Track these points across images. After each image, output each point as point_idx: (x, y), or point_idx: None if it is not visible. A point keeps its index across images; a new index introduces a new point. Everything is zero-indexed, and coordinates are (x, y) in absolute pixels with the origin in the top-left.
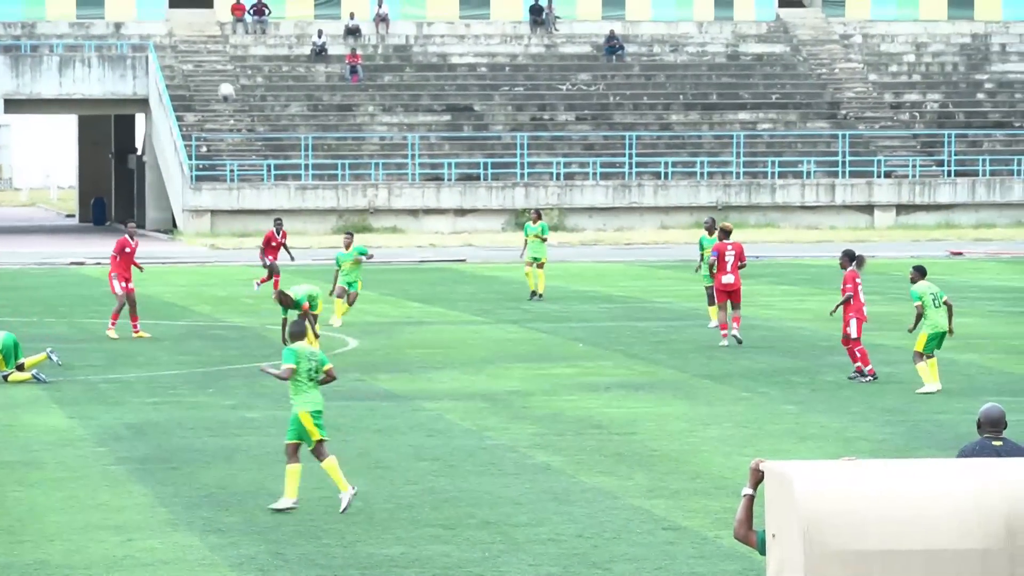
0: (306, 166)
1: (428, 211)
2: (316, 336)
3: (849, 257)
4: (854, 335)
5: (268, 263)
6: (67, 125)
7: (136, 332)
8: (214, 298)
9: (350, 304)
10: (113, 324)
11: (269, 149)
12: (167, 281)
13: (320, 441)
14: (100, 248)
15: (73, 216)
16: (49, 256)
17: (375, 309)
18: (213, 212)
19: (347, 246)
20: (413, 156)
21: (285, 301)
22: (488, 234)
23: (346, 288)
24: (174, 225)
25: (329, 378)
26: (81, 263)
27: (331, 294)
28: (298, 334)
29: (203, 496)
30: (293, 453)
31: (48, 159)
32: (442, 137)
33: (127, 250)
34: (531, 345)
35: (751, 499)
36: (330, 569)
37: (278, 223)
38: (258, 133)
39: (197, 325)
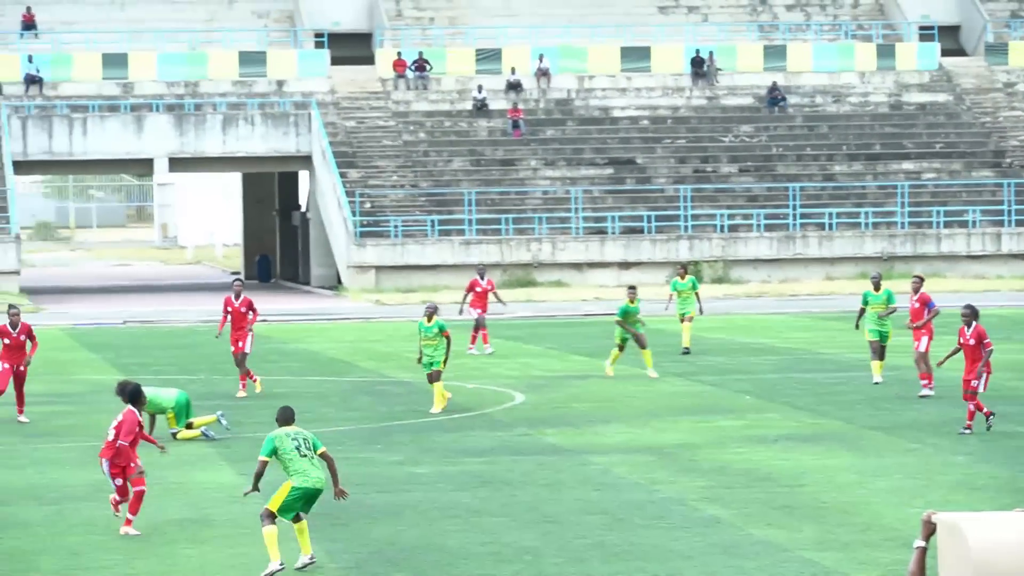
0: (469, 221)
1: (592, 264)
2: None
3: (974, 312)
4: (981, 389)
5: (476, 315)
6: (231, 183)
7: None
8: (379, 354)
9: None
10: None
11: (432, 204)
12: (332, 337)
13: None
14: (266, 305)
15: (238, 273)
16: (216, 314)
17: (540, 363)
18: (377, 268)
19: (429, 317)
20: (576, 209)
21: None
22: (653, 287)
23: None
24: (339, 281)
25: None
26: None
27: (419, 362)
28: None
29: (372, 552)
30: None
31: (212, 217)
32: (605, 190)
33: (229, 309)
34: (697, 398)
35: (923, 552)
36: None
37: (481, 270)
38: (421, 189)
39: (363, 381)
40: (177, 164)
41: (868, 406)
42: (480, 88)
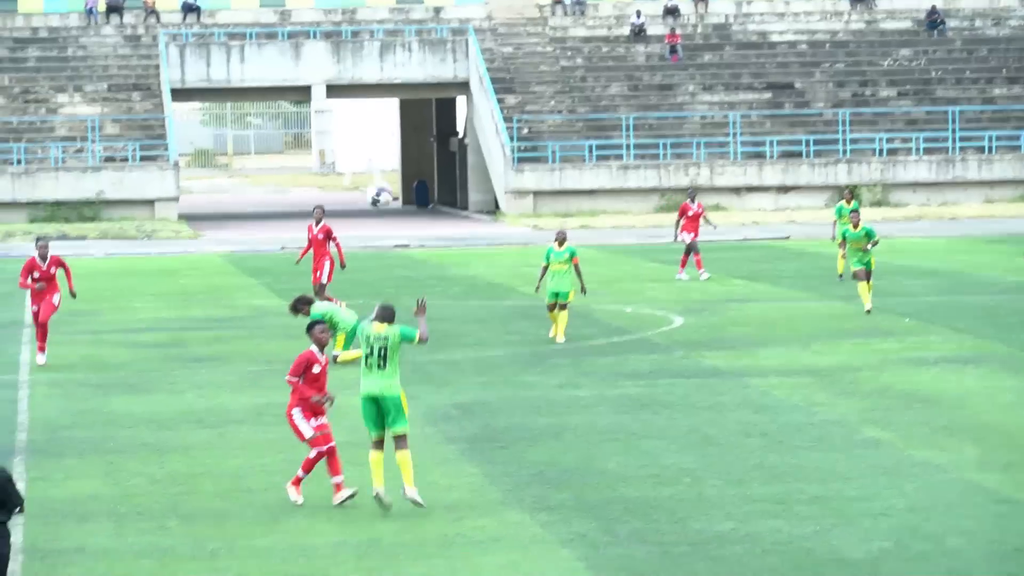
0: (627, 146)
1: (750, 189)
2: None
3: None
4: None
5: (686, 241)
6: (388, 110)
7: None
8: (536, 278)
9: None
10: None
11: (590, 129)
12: (491, 262)
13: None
14: (424, 231)
15: (397, 199)
16: (374, 239)
17: (700, 287)
18: (535, 193)
19: (560, 243)
20: (734, 134)
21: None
22: (811, 211)
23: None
24: (496, 206)
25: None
26: (405, 245)
27: (537, 291)
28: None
29: (532, 474)
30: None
31: (370, 143)
32: (763, 115)
33: (309, 237)
34: (857, 321)
35: None
36: (660, 546)
37: (692, 193)
38: (579, 114)
39: (521, 305)
40: (334, 91)
41: None
42: (638, 13)
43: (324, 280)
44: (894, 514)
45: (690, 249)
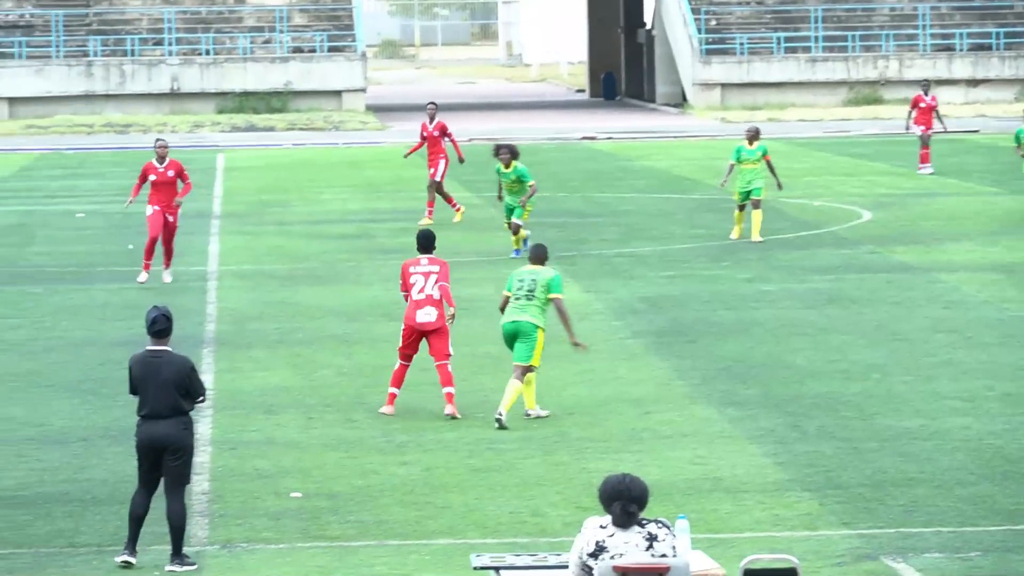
0: (815, 38)
1: (940, 82)
2: None
3: None
4: None
5: (918, 134)
6: (576, 0)
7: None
8: (725, 171)
9: None
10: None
11: (778, 21)
12: (677, 154)
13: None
14: (611, 123)
15: (583, 91)
16: (560, 131)
17: (887, 181)
18: (723, 85)
19: (751, 140)
20: (924, 27)
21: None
22: (1001, 105)
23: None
24: (684, 98)
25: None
26: (592, 138)
27: (723, 185)
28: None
29: (720, 369)
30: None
31: (557, 35)
32: (953, 7)
33: (424, 135)
34: None
35: None
36: (848, 442)
37: (925, 86)
38: (767, 5)
39: (708, 199)
40: None
41: None
42: None
43: (438, 178)
44: None
45: (924, 142)
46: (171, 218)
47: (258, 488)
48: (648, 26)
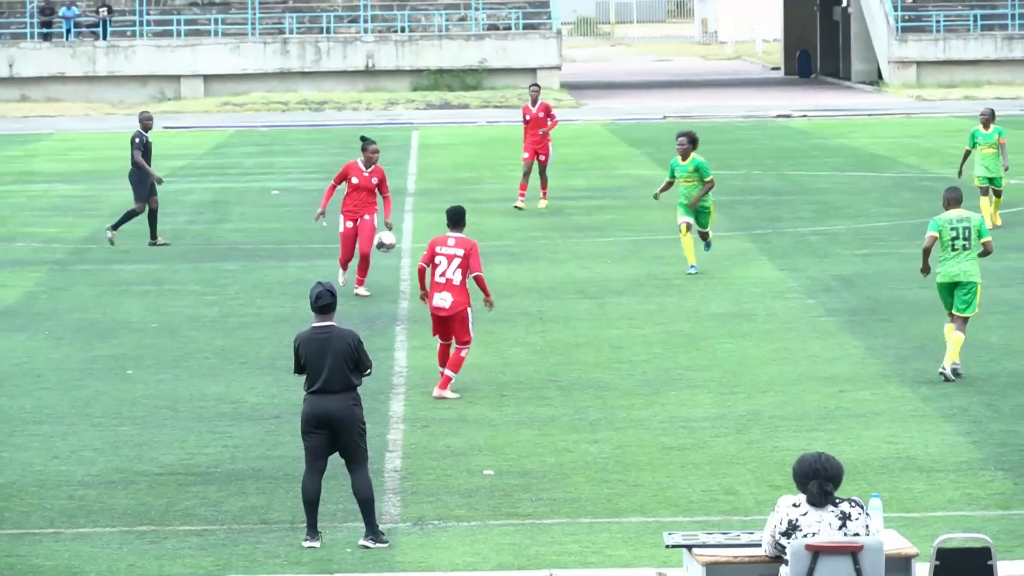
0: (1013, 16)
1: None
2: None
3: None
4: None
5: None
6: None
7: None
8: (921, 149)
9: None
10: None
11: (975, 0)
12: (873, 132)
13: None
14: (806, 100)
15: (778, 69)
16: (755, 109)
17: None
18: (919, 63)
19: (986, 124)
20: None
21: None
22: None
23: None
24: (879, 76)
25: (985, 250)
26: (787, 115)
27: (960, 174)
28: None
29: (915, 348)
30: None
31: (753, 12)
32: None
33: (527, 117)
34: None
35: None
36: None
37: None
38: None
39: (904, 176)
40: None
41: None
42: None
43: (549, 163)
44: None
45: None
46: (367, 216)
47: (450, 466)
48: (844, 3)
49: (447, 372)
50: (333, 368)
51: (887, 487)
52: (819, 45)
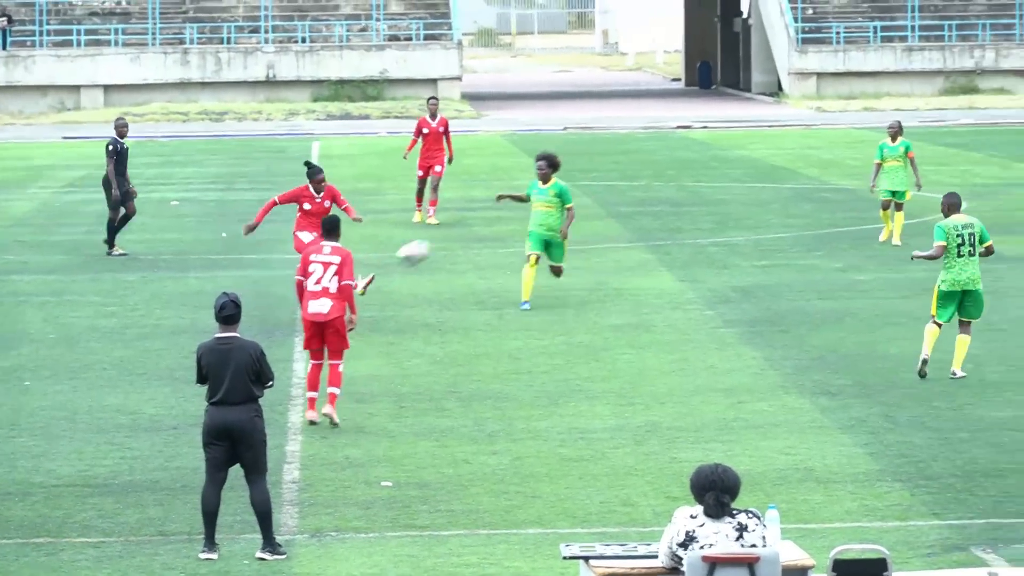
0: (912, 27)
1: None
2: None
3: None
4: None
5: None
6: None
7: (426, 215)
8: (820, 161)
9: None
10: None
11: (875, 11)
12: (773, 144)
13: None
14: (706, 112)
15: (679, 80)
16: (655, 120)
17: (982, 171)
18: (819, 75)
19: (893, 137)
20: (1022, 16)
21: None
22: None
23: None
24: (779, 87)
25: (987, 252)
26: (688, 127)
27: (872, 189)
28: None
29: (813, 359)
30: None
31: (653, 23)
32: None
33: (425, 130)
34: None
35: None
36: (940, 432)
37: None
38: None
39: (804, 188)
40: None
41: None
42: None
43: (441, 177)
44: None
45: None
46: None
47: (348, 477)
48: (745, 15)
49: (332, 390)
50: (235, 379)
51: (785, 498)
52: (720, 56)
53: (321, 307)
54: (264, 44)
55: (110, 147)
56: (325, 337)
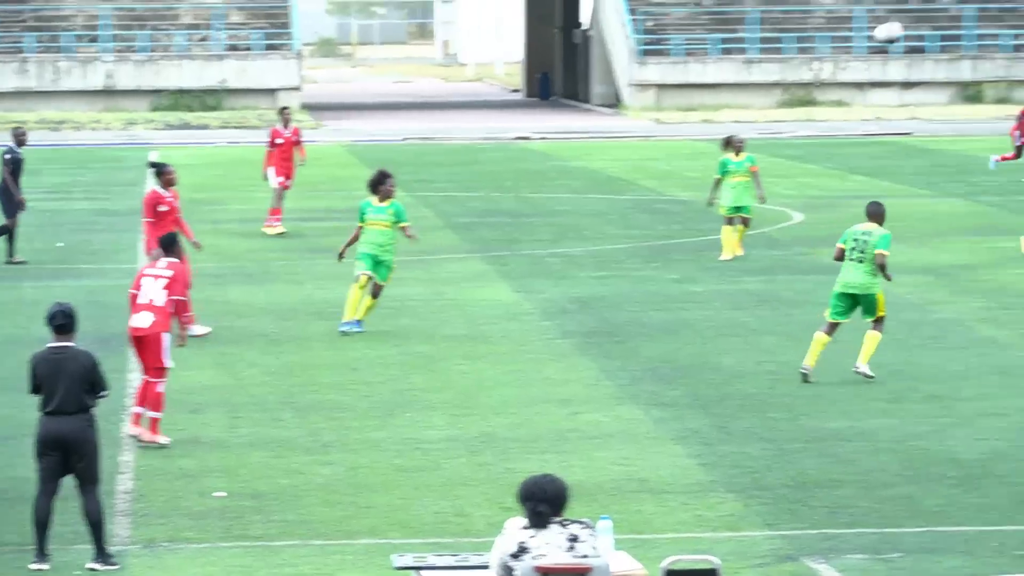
0: (751, 40)
1: (873, 84)
2: None
3: None
4: None
5: (1019, 142)
6: (511, 0)
7: (271, 226)
8: (659, 172)
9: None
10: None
11: (715, 23)
12: (612, 155)
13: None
14: (545, 123)
15: (518, 91)
16: (495, 131)
17: (819, 183)
18: (658, 86)
19: (737, 151)
20: (859, 29)
21: None
22: (934, 107)
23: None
24: (619, 99)
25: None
26: (526, 138)
27: (711, 204)
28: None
29: (648, 370)
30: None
31: (494, 34)
32: (888, 9)
33: (278, 141)
34: (977, 218)
35: None
36: (774, 443)
37: None
38: (704, 6)
39: (642, 199)
40: None
41: None
42: None
43: (288, 185)
44: (1009, 414)
45: (1020, 151)
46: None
47: (182, 487)
48: (585, 26)
49: (151, 414)
50: (68, 389)
51: (619, 509)
52: (561, 67)
53: (142, 321)
54: (103, 53)
55: (7, 156)
56: (140, 353)
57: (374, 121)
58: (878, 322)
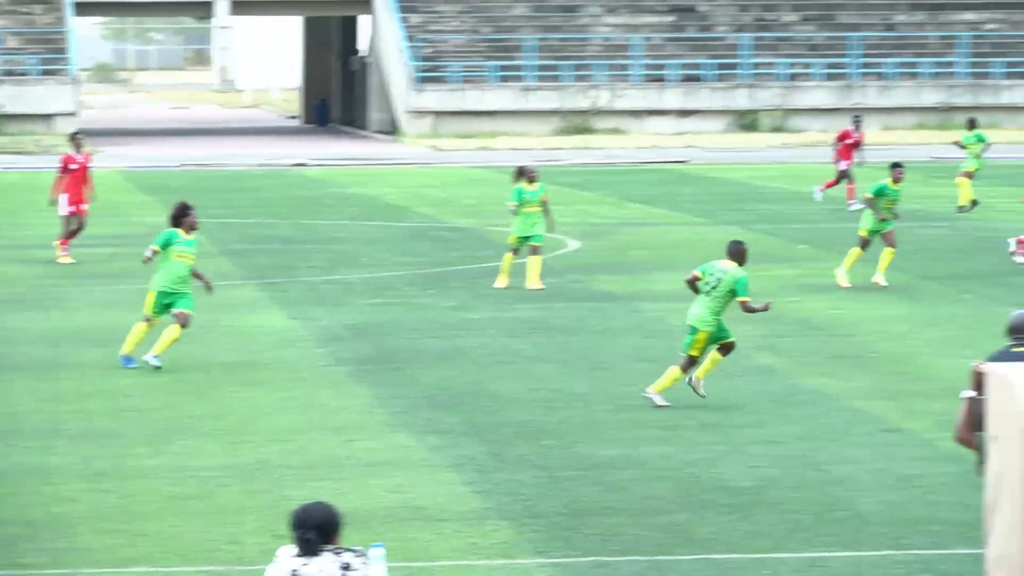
0: (529, 67)
1: (650, 112)
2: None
3: None
4: None
5: (841, 167)
6: (289, 27)
7: (62, 254)
8: (436, 199)
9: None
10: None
11: (492, 50)
12: (389, 182)
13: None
14: (322, 149)
15: (296, 117)
16: (272, 157)
17: (596, 211)
18: (436, 113)
19: (531, 180)
20: (636, 57)
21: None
22: (711, 135)
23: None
24: (396, 126)
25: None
26: (303, 164)
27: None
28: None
29: (423, 397)
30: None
31: (271, 61)
32: (665, 38)
33: (72, 167)
34: (752, 246)
35: (973, 402)
36: (548, 470)
37: (857, 120)
38: (482, 34)
39: (419, 226)
40: (238, 7)
41: (923, 256)
42: None
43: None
44: (783, 442)
45: (843, 176)
46: None
47: None
48: (363, 53)
49: None
50: None
51: (394, 536)
52: (339, 94)
53: None
54: None
55: None
56: None
57: (151, 147)
58: (725, 348)
